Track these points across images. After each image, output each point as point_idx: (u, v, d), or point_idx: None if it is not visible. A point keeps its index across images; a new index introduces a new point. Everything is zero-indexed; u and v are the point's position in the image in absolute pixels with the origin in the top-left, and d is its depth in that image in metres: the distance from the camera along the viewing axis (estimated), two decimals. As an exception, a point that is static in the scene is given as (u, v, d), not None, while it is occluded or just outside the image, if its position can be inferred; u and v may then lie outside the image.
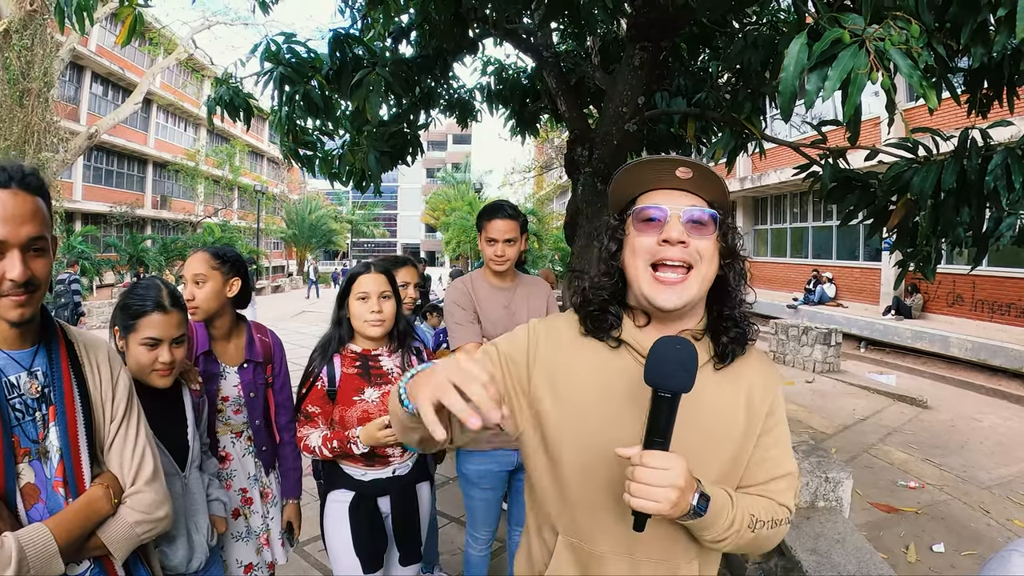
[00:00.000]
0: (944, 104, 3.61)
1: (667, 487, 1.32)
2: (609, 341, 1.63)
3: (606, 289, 1.64)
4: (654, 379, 1.35)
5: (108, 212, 32.69)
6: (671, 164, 1.52)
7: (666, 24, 4.98)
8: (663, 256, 1.51)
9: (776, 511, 1.59)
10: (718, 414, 1.59)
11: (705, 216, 1.54)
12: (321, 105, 5.68)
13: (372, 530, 2.98)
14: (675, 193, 1.56)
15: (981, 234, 4.12)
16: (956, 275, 15.43)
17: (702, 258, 1.52)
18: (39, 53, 20.68)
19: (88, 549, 1.80)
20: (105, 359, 1.96)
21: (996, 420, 9.93)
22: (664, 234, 1.51)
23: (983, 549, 5.46)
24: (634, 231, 1.57)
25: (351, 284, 3.02)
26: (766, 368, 1.72)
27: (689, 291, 1.51)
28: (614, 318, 1.63)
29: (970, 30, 2.81)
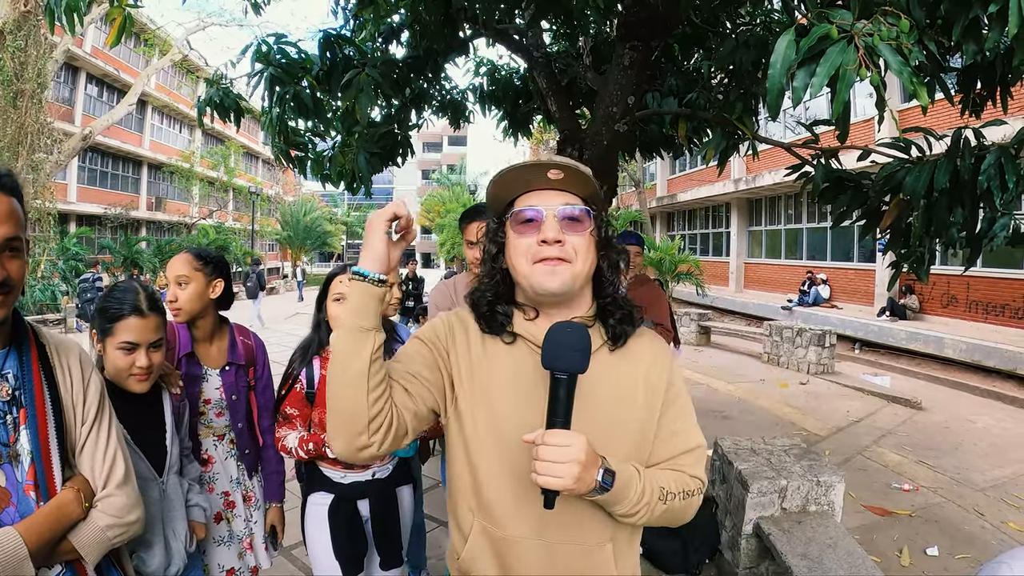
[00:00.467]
0: (937, 104, 3.60)
1: (569, 462, 1.39)
2: (504, 337, 1.73)
3: (491, 290, 1.75)
4: (550, 362, 1.47)
5: (103, 214, 32.65)
6: (542, 167, 1.61)
7: (656, 23, 4.95)
8: (543, 255, 1.60)
9: (687, 483, 1.68)
10: (618, 395, 1.68)
11: (578, 212, 1.64)
12: (311, 106, 5.64)
13: (351, 533, 2.96)
14: (549, 193, 1.65)
15: (975, 234, 4.09)
16: (950, 276, 15.44)
17: (578, 253, 1.62)
18: (33, 54, 20.63)
19: (59, 553, 1.77)
20: (76, 361, 1.92)
21: (990, 421, 9.90)
22: (541, 234, 1.60)
23: (977, 552, 5.42)
24: (513, 233, 1.67)
25: (328, 286, 3.00)
26: (658, 346, 1.81)
27: (568, 273, 1.61)
28: (503, 316, 1.72)
29: (962, 26, 2.78)
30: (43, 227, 22.51)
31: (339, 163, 6.71)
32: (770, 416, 9.87)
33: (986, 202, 3.73)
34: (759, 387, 11.95)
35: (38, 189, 21.70)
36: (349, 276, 1.59)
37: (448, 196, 48.71)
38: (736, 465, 4.52)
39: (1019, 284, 14.30)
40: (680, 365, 6.98)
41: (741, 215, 26.06)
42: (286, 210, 53.04)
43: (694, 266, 22.53)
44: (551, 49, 7.39)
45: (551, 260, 1.60)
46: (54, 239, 23.51)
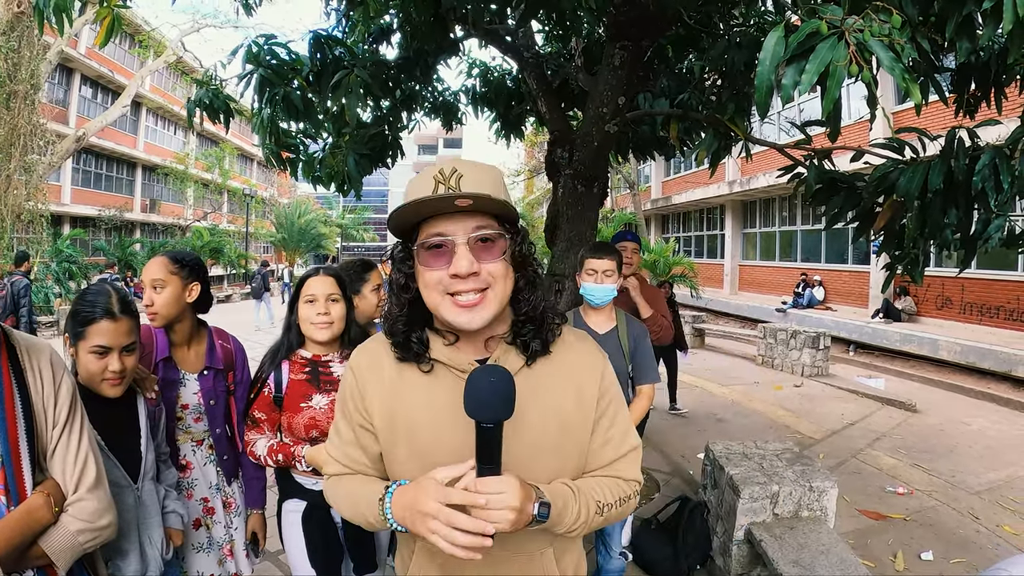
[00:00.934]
0: (931, 105, 3.56)
1: (503, 509, 1.34)
2: (422, 365, 1.62)
3: (402, 320, 1.62)
4: (475, 412, 1.37)
5: (96, 216, 32.55)
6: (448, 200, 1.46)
7: (646, 23, 4.92)
8: (456, 289, 1.50)
9: (623, 489, 1.68)
10: (546, 412, 1.60)
11: (493, 235, 1.53)
12: (301, 107, 5.60)
13: (326, 540, 2.91)
14: (458, 217, 1.51)
15: (969, 236, 4.06)
16: (945, 278, 15.43)
17: (495, 279, 1.52)
18: (26, 55, 20.59)
19: (30, 558, 1.76)
20: (48, 363, 1.88)
21: (985, 423, 9.87)
22: (453, 267, 1.48)
23: (972, 557, 5.38)
24: (422, 265, 1.55)
25: (300, 288, 2.96)
26: (586, 352, 1.74)
27: (488, 310, 1.52)
28: (418, 344, 1.62)
29: (956, 23, 2.74)
30: (36, 229, 22.46)
31: (329, 165, 6.67)
32: (764, 419, 9.83)
33: (980, 203, 3.70)
34: (753, 390, 11.91)
35: (31, 191, 21.66)
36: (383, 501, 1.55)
37: (443, 198, 48.63)
38: (727, 470, 4.48)
39: (1014, 286, 14.32)
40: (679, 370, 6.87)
41: (735, 217, 26.09)
42: (281, 212, 52.98)
43: (688, 268, 22.55)
44: (543, 50, 7.37)
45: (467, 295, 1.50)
46: (47, 241, 23.44)
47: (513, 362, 1.58)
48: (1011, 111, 4.59)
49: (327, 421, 2.82)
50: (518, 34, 6.23)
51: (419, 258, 1.55)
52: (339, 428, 1.74)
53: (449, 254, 1.49)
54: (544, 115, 6.21)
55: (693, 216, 30.49)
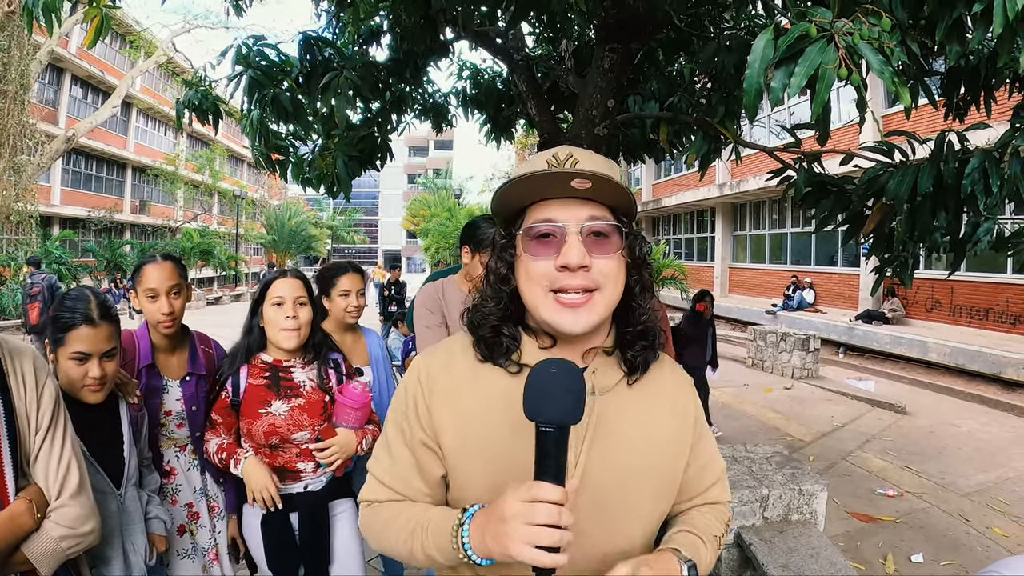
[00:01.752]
0: (921, 109, 3.56)
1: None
2: (509, 367, 1.42)
3: (496, 313, 1.43)
4: (534, 412, 1.16)
5: (86, 217, 32.45)
6: (564, 177, 1.29)
7: (636, 26, 4.91)
8: (563, 285, 1.31)
9: (724, 513, 1.60)
10: (642, 434, 1.44)
11: (608, 228, 1.35)
12: (291, 109, 5.56)
13: (283, 546, 2.88)
14: (571, 204, 1.35)
15: (958, 239, 4.07)
16: (934, 280, 15.48)
17: (607, 279, 1.34)
18: (16, 55, 20.51)
19: (13, 565, 1.75)
20: (31, 367, 1.86)
21: (975, 425, 9.91)
22: (562, 258, 1.30)
23: (962, 559, 5.40)
24: (526, 253, 1.37)
25: (266, 291, 2.92)
26: (679, 375, 1.60)
27: (595, 313, 1.33)
28: (510, 340, 1.43)
29: (945, 26, 2.74)
30: (25, 230, 22.36)
31: (319, 167, 6.64)
32: (754, 421, 9.85)
33: (970, 206, 3.70)
34: (743, 392, 11.94)
35: (20, 192, 21.56)
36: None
37: (433, 200, 48.59)
38: (718, 473, 4.47)
39: (1003, 288, 14.37)
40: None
41: (726, 220, 26.13)
42: (271, 214, 52.90)
43: (679, 271, 22.59)
44: (533, 53, 7.36)
45: (574, 293, 1.32)
46: (37, 242, 23.34)
47: (611, 377, 1.43)
48: (1000, 114, 4.60)
49: (287, 428, 2.80)
50: (508, 36, 6.22)
51: (523, 246, 1.38)
52: (392, 448, 1.50)
53: (558, 244, 1.32)
54: (534, 117, 6.20)
55: (683, 218, 30.53)
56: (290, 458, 2.85)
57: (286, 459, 2.85)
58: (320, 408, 2.89)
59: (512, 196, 1.38)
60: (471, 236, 3.60)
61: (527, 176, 1.30)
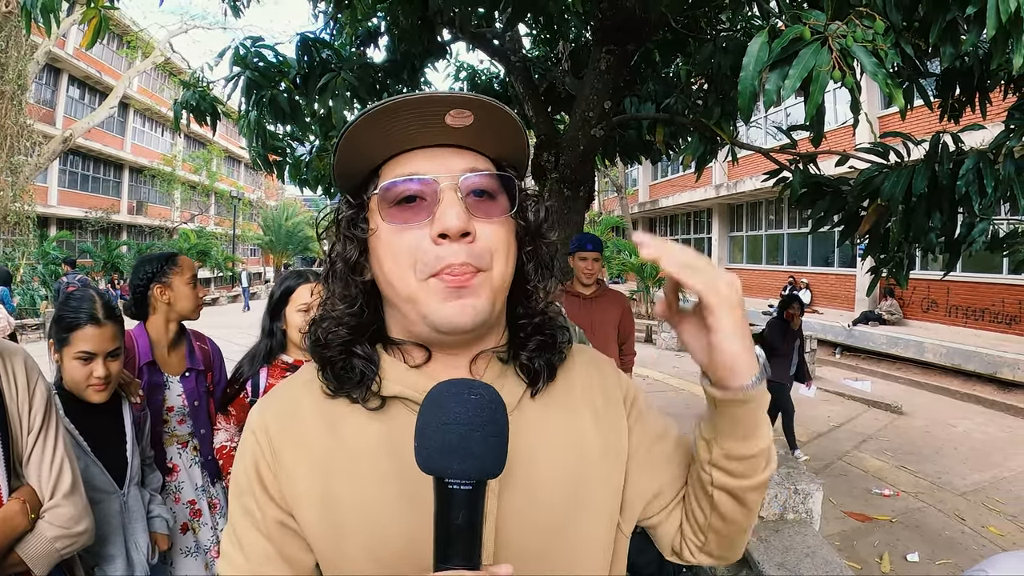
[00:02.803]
0: (916, 110, 3.58)
1: None
2: (368, 402, 1.00)
3: (347, 324, 1.02)
4: (429, 461, 0.78)
5: (83, 217, 32.35)
6: (437, 105, 0.90)
7: (633, 27, 4.93)
8: (444, 264, 0.91)
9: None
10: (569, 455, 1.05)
11: (494, 184, 0.99)
12: (288, 110, 5.57)
13: None
14: (444, 152, 0.97)
15: (953, 239, 4.09)
16: (930, 281, 15.48)
17: (496, 252, 0.96)
18: (13, 55, 20.45)
19: (7, 566, 1.75)
20: (22, 367, 1.86)
21: (971, 425, 9.92)
22: (439, 223, 0.91)
23: (958, 558, 5.41)
24: (386, 222, 0.97)
25: (288, 296, 2.93)
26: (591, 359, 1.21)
27: (484, 298, 0.95)
28: (365, 364, 1.01)
29: (939, 28, 2.76)
30: (22, 231, 22.31)
31: (317, 167, 6.66)
32: (751, 421, 9.83)
33: (965, 207, 3.72)
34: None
35: (17, 192, 21.51)
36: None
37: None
38: (715, 472, 4.48)
39: (998, 288, 14.40)
40: (666, 373, 6.77)
41: (722, 221, 26.15)
42: (268, 215, 52.78)
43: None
44: (530, 54, 7.37)
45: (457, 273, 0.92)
46: (34, 243, 23.29)
47: (511, 391, 1.03)
48: (995, 116, 4.62)
49: None
50: (505, 38, 6.23)
51: (381, 214, 0.97)
52: (242, 539, 1.01)
53: (429, 207, 0.94)
54: (531, 119, 6.21)
55: (680, 219, 30.53)
56: None
57: None
58: None
59: (362, 144, 0.96)
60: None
61: (384, 108, 0.90)
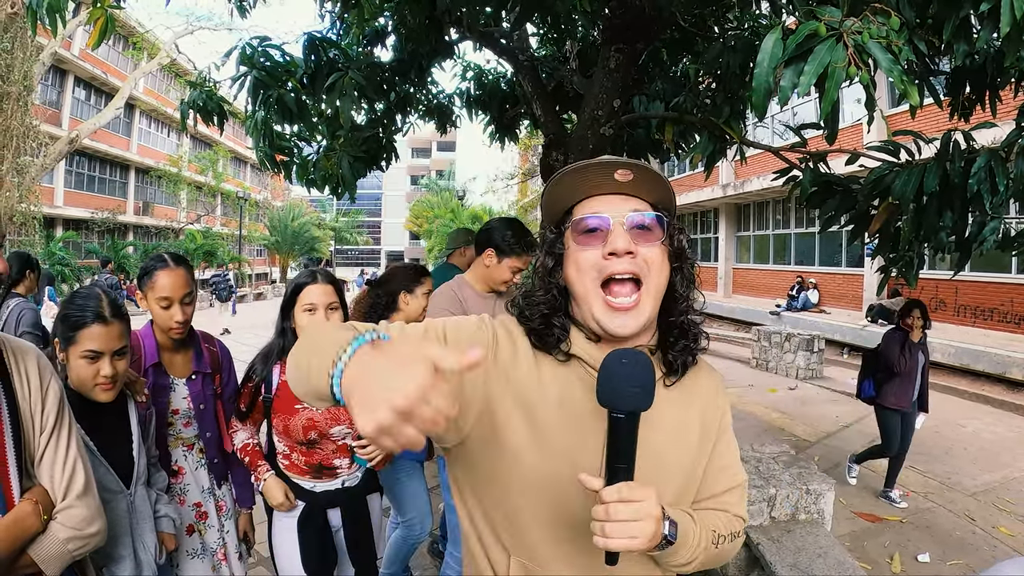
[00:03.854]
0: (926, 108, 3.55)
1: (644, 519, 1.20)
2: (557, 355, 1.46)
3: (546, 304, 1.47)
4: (608, 399, 1.24)
5: (89, 218, 32.45)
6: (609, 167, 1.38)
7: (641, 26, 4.91)
8: (611, 271, 1.37)
9: (733, 524, 1.53)
10: (671, 436, 1.48)
11: (650, 220, 1.43)
12: (295, 109, 5.56)
13: (321, 545, 2.90)
14: (615, 199, 1.44)
15: (964, 239, 4.06)
16: (939, 280, 15.43)
17: (651, 268, 1.40)
18: (19, 56, 20.46)
19: (19, 567, 1.73)
20: (35, 367, 1.85)
21: (980, 425, 9.90)
22: (609, 245, 1.37)
23: (969, 558, 5.39)
24: (575, 244, 1.44)
25: (296, 294, 2.92)
26: (714, 379, 1.63)
27: (643, 314, 1.39)
28: (560, 331, 1.46)
29: (953, 25, 2.73)
30: (28, 231, 22.38)
31: (324, 167, 6.65)
32: (759, 422, 9.83)
33: (976, 206, 3.69)
34: (748, 392, 11.91)
35: (24, 193, 21.56)
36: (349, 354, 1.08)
37: (437, 202, 48.63)
38: (724, 473, 4.46)
39: (1007, 288, 14.34)
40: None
41: (729, 220, 26.09)
42: (274, 215, 52.89)
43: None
44: (538, 53, 7.36)
45: (622, 283, 1.38)
46: (40, 243, 23.36)
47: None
48: (1006, 114, 4.59)
49: (325, 422, 2.83)
50: (513, 37, 6.22)
51: (572, 239, 1.45)
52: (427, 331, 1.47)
53: (604, 235, 1.39)
54: (539, 118, 6.20)
55: (687, 219, 30.43)
56: (327, 455, 2.90)
57: (323, 456, 2.89)
58: None
59: (560, 193, 1.46)
60: (497, 240, 3.67)
61: (574, 168, 1.40)
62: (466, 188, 46.81)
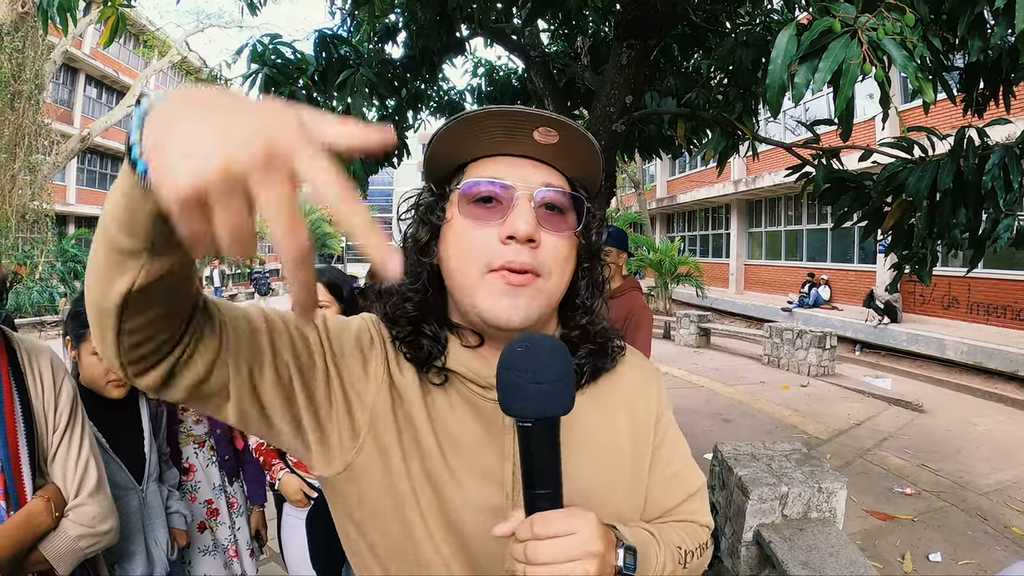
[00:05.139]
0: (939, 104, 3.53)
1: (580, 558, 0.90)
2: (432, 376, 1.14)
3: (412, 301, 1.15)
4: (513, 403, 0.92)
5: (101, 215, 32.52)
6: (528, 120, 1.03)
7: (653, 22, 4.89)
8: (506, 261, 1.04)
9: (699, 535, 1.28)
10: (599, 445, 1.21)
11: (566, 201, 1.11)
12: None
13: (330, 541, 2.90)
14: (525, 163, 1.09)
15: (977, 236, 4.03)
16: (951, 277, 15.34)
17: (555, 263, 1.08)
18: (30, 55, 20.56)
19: (30, 564, 1.75)
20: (48, 366, 1.86)
21: (992, 424, 9.83)
22: (508, 226, 1.04)
23: (980, 558, 5.36)
24: (462, 216, 1.09)
25: None
26: (640, 370, 1.34)
27: (536, 301, 1.07)
28: (432, 343, 1.13)
29: (967, 22, 2.72)
30: (41, 229, 22.47)
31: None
32: (770, 419, 9.80)
33: (990, 202, 3.67)
34: (759, 389, 11.87)
35: (36, 191, 21.65)
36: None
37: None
38: (736, 471, 4.45)
39: (1021, 285, 14.24)
40: (685, 369, 6.64)
41: (741, 216, 26.01)
42: (285, 211, 53.03)
43: (694, 268, 22.54)
44: (549, 49, 7.35)
45: (515, 273, 1.04)
46: (52, 240, 23.44)
47: None
48: (1020, 110, 4.56)
49: None
50: (524, 33, 6.21)
51: (459, 209, 1.09)
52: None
53: (503, 210, 1.06)
54: (550, 115, 6.19)
55: (698, 215, 30.41)
56: None
57: None
58: None
59: (453, 142, 1.09)
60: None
61: (481, 113, 1.03)
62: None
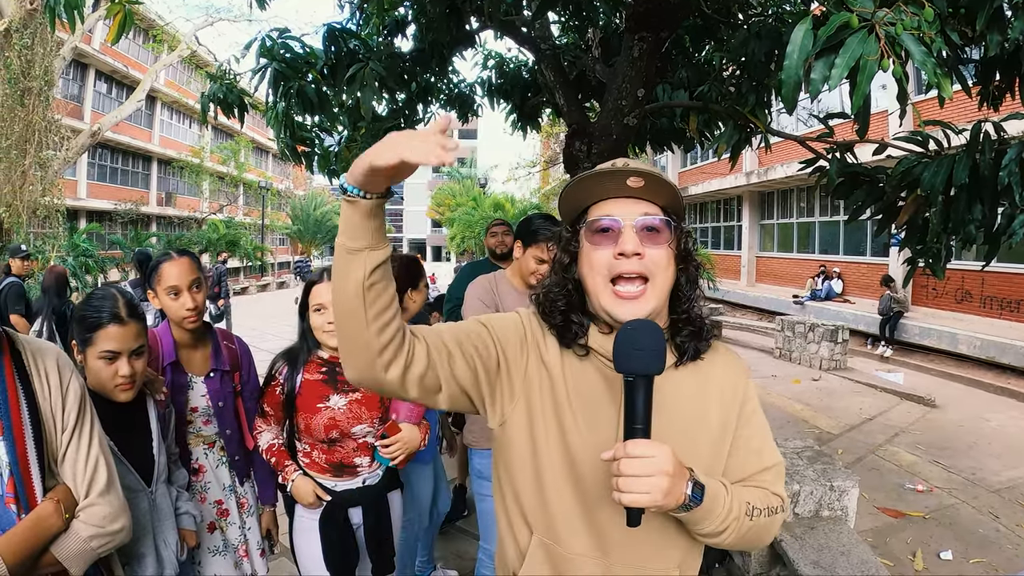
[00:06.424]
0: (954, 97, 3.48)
1: (656, 475, 1.28)
2: (576, 349, 1.60)
3: (562, 299, 1.62)
4: (623, 364, 1.37)
5: (112, 210, 32.61)
6: (621, 175, 1.51)
7: (666, 13, 4.85)
8: (620, 270, 1.50)
9: (771, 499, 1.58)
10: (688, 413, 1.58)
11: (658, 223, 1.54)
12: (316, 101, 5.56)
13: (343, 543, 2.90)
14: (627, 202, 1.55)
15: (993, 231, 3.98)
16: (965, 271, 15.23)
17: (658, 268, 1.52)
18: (40, 52, 20.63)
19: (42, 566, 1.74)
20: (54, 366, 1.86)
21: (1005, 420, 9.77)
22: (619, 246, 1.50)
23: (992, 556, 5.32)
24: (588, 244, 1.57)
25: (308, 295, 2.93)
26: (732, 361, 1.72)
27: (648, 304, 1.51)
28: (578, 327, 1.60)
29: (986, 16, 2.67)
30: (52, 224, 22.55)
31: (345, 158, 6.66)
32: (782, 413, 9.77)
33: (1006, 199, 3.61)
34: (771, 383, 11.84)
35: (47, 186, 21.74)
36: (340, 195, 1.39)
37: (458, 190, 48.56)
38: (748, 467, 4.43)
39: (1035, 280, 14.13)
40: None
41: (753, 208, 25.90)
42: (296, 204, 53.15)
43: (705, 260, 22.31)
44: (559, 42, 7.32)
45: (629, 283, 1.50)
46: (64, 235, 23.51)
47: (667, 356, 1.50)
48: (1035, 105, 4.50)
49: (347, 421, 2.84)
50: (534, 25, 6.17)
51: (586, 239, 1.57)
52: (463, 323, 1.66)
53: (615, 236, 1.51)
54: (562, 107, 6.15)
55: (710, 207, 30.30)
56: (347, 453, 2.90)
57: (343, 455, 2.90)
58: (377, 401, 2.93)
59: (576, 195, 1.60)
60: (524, 231, 3.69)
61: (589, 175, 1.54)
62: (488, 176, 46.83)
